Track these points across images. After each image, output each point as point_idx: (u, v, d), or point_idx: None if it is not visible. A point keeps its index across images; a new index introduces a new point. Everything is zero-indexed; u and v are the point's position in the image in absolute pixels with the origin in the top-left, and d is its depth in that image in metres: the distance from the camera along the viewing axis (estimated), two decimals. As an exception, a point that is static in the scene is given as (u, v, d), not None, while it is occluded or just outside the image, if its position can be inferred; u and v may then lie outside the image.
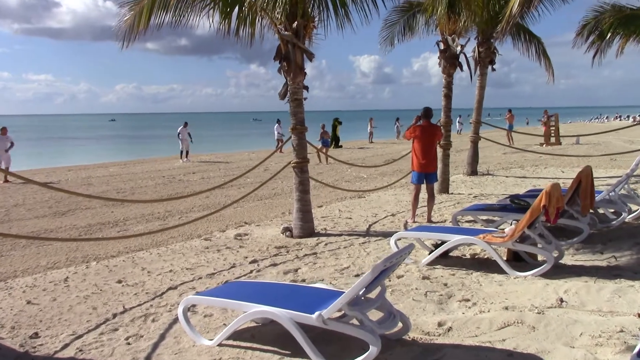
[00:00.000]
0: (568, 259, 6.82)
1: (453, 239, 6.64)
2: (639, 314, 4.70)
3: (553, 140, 28.98)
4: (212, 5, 8.90)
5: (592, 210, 8.08)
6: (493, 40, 15.07)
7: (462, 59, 13.11)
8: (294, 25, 8.62)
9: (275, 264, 7.14)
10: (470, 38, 14.42)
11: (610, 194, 8.63)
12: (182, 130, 26.49)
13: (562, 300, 5.18)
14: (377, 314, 4.51)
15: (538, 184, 13.38)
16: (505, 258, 6.68)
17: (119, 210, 12.35)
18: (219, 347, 4.49)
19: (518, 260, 6.72)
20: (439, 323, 4.78)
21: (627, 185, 9.30)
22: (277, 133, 31.55)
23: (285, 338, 4.29)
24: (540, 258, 6.65)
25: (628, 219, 8.60)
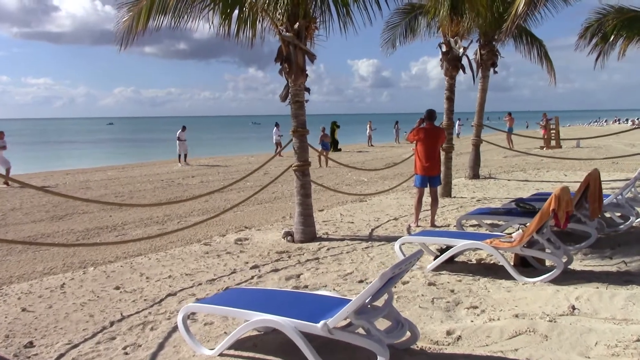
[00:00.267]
0: (577, 265, 6.67)
1: (459, 244, 6.48)
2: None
3: (554, 144, 28.86)
4: (212, 6, 8.75)
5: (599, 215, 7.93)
6: (495, 43, 14.94)
7: (464, 61, 12.98)
8: (296, 26, 8.48)
9: (277, 270, 6.97)
10: (473, 40, 14.30)
11: (618, 198, 8.49)
12: (180, 134, 26.33)
13: (574, 308, 5.02)
14: (384, 323, 4.34)
15: (541, 188, 13.23)
16: (513, 263, 6.53)
17: (117, 215, 12.18)
18: (220, 357, 4.33)
19: (525, 266, 6.56)
20: (448, 332, 4.62)
21: (634, 189, 9.16)
22: (275, 136, 31.44)
23: (289, 347, 4.12)
24: (549, 263, 6.51)
25: (636, 223, 8.44)
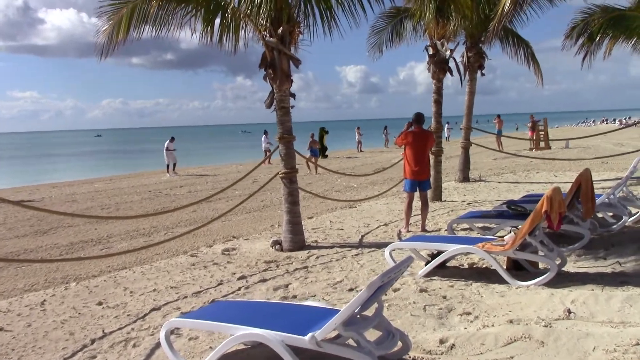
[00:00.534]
0: (571, 266, 6.54)
1: (450, 249, 6.33)
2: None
3: (543, 145, 28.87)
4: (193, 13, 8.60)
5: (591, 215, 7.81)
6: (482, 45, 14.87)
7: (451, 64, 12.88)
8: (279, 31, 8.33)
9: (265, 280, 6.79)
10: (459, 43, 14.22)
11: (610, 197, 8.38)
12: (168, 144, 26.07)
13: (569, 311, 4.88)
14: (374, 333, 4.18)
15: (532, 189, 13.13)
16: (505, 267, 6.39)
17: (103, 227, 11.95)
18: (205, 373, 4.15)
19: (518, 269, 6.43)
20: (441, 340, 4.47)
21: (625, 188, 9.05)
22: (264, 144, 31.28)
23: (276, 362, 3.95)
24: (542, 266, 6.38)
25: (628, 223, 8.34)
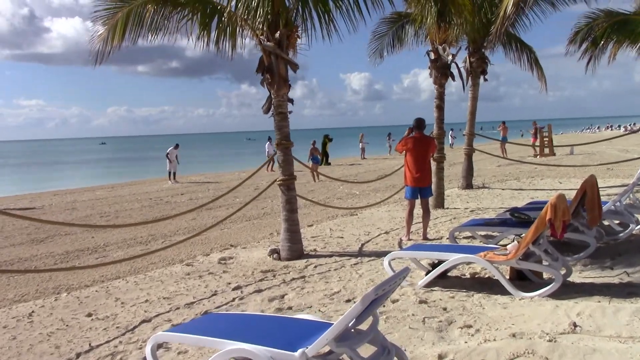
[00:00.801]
0: (576, 276, 6.31)
1: (451, 258, 6.12)
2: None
3: (547, 151, 28.63)
4: (190, 17, 8.47)
5: (597, 223, 7.58)
6: (485, 50, 14.68)
7: (453, 69, 12.70)
8: (277, 36, 8.16)
9: (260, 290, 6.59)
10: (462, 48, 14.04)
11: (616, 205, 8.14)
12: (171, 151, 25.92)
13: (575, 325, 4.65)
14: (369, 349, 3.96)
15: (536, 196, 12.90)
16: (508, 277, 6.17)
17: (100, 236, 11.78)
18: (191, 391, 3.94)
19: (522, 279, 6.21)
20: (440, 355, 4.25)
21: (632, 195, 8.83)
22: (268, 151, 31.13)
23: (266, 379, 3.74)
24: (546, 276, 6.16)
25: (636, 231, 8.10)
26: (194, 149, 77.55)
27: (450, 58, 12.48)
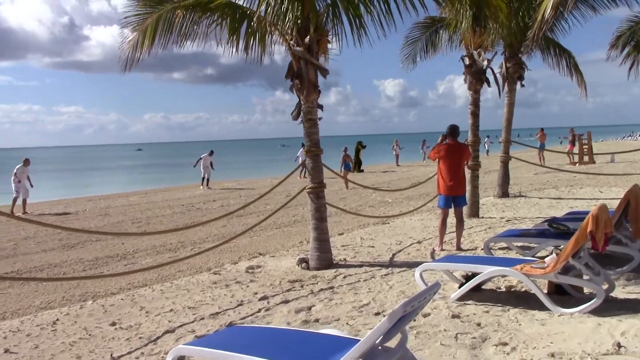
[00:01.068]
0: (619, 292, 5.97)
1: (486, 271, 5.84)
2: None
3: (586, 159, 27.90)
4: (219, 22, 8.38)
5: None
6: (521, 55, 14.30)
7: (489, 75, 12.38)
8: (306, 40, 8.00)
9: (287, 301, 6.40)
10: (497, 53, 13.70)
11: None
12: (205, 158, 26.05)
13: (619, 345, 4.34)
14: (397, 368, 3.74)
15: (575, 206, 12.48)
16: (547, 291, 5.87)
17: (130, 242, 11.77)
18: (210, 408, 3.77)
19: (561, 294, 5.89)
20: (473, 375, 4.01)
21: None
22: (301, 158, 31.05)
23: (288, 398, 3.55)
24: (587, 291, 5.84)
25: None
26: (228, 156, 77.99)
27: (486, 63, 12.16)
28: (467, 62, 12.37)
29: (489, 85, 12.42)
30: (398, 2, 7.93)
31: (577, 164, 27.24)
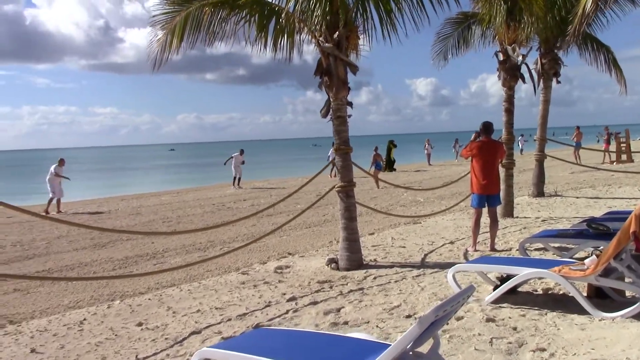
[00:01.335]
0: (664, 295, 5.68)
1: (522, 273, 5.61)
2: None
3: (624, 158, 27.17)
4: (247, 19, 8.27)
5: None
6: (558, 50, 13.92)
7: (523, 71, 12.05)
8: (335, 36, 7.85)
9: (316, 302, 6.26)
10: (532, 48, 13.35)
11: None
12: (236, 157, 26.11)
13: (666, 353, 4.11)
14: (429, 375, 3.57)
15: (614, 205, 12.09)
16: (586, 294, 5.61)
17: (160, 241, 11.76)
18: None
19: (602, 297, 5.63)
20: (510, 383, 3.81)
21: None
22: (332, 157, 30.89)
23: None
24: (629, 294, 5.57)
25: None
26: (260, 156, 78.26)
27: (521, 59, 11.84)
28: (501, 57, 12.06)
29: (524, 82, 12.10)
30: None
31: (614, 163, 26.54)
